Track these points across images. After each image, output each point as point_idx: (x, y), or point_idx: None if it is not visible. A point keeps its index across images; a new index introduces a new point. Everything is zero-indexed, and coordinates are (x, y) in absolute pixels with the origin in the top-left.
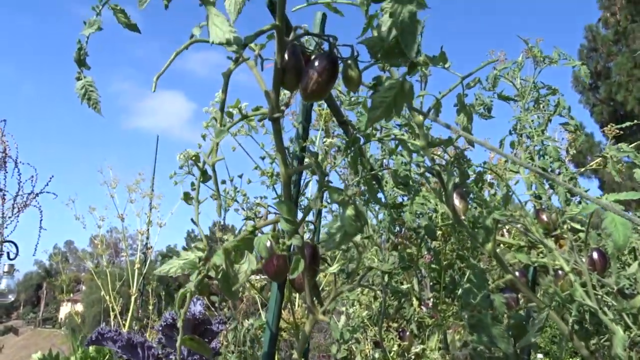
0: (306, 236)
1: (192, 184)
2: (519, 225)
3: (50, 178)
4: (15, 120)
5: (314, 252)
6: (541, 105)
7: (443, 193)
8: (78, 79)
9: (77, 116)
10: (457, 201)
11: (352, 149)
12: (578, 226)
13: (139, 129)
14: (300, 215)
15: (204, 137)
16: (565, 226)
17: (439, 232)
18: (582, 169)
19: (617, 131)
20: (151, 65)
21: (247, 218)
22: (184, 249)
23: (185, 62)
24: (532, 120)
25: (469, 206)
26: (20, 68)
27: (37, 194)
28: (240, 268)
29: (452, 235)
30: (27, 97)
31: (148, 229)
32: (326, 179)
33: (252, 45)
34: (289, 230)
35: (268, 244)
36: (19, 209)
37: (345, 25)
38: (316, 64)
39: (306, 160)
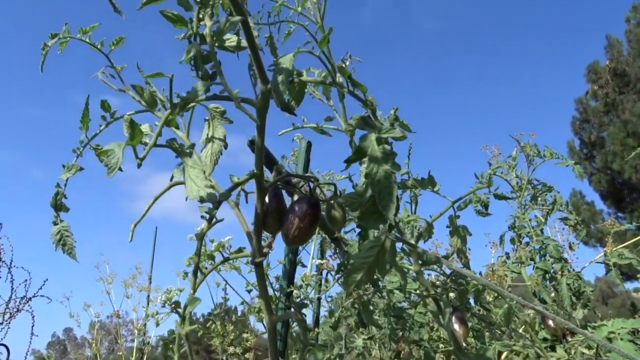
0: None
1: (172, 332)
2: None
3: (44, 282)
4: (23, 205)
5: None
6: (538, 200)
7: (441, 318)
8: (55, 223)
9: (84, 196)
10: (456, 326)
11: (344, 270)
12: (586, 350)
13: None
14: None
15: (184, 276)
16: (573, 351)
17: (441, 345)
18: (588, 263)
19: (615, 224)
20: (154, 150)
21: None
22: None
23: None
24: (530, 220)
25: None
26: (30, 155)
27: (29, 298)
28: None
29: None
30: (36, 183)
31: (145, 324)
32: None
33: (235, 179)
34: None
35: None
36: (11, 314)
37: (332, 151)
38: (297, 208)
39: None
